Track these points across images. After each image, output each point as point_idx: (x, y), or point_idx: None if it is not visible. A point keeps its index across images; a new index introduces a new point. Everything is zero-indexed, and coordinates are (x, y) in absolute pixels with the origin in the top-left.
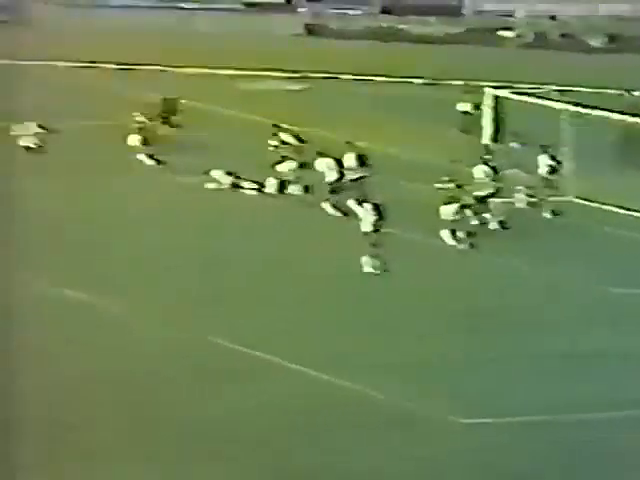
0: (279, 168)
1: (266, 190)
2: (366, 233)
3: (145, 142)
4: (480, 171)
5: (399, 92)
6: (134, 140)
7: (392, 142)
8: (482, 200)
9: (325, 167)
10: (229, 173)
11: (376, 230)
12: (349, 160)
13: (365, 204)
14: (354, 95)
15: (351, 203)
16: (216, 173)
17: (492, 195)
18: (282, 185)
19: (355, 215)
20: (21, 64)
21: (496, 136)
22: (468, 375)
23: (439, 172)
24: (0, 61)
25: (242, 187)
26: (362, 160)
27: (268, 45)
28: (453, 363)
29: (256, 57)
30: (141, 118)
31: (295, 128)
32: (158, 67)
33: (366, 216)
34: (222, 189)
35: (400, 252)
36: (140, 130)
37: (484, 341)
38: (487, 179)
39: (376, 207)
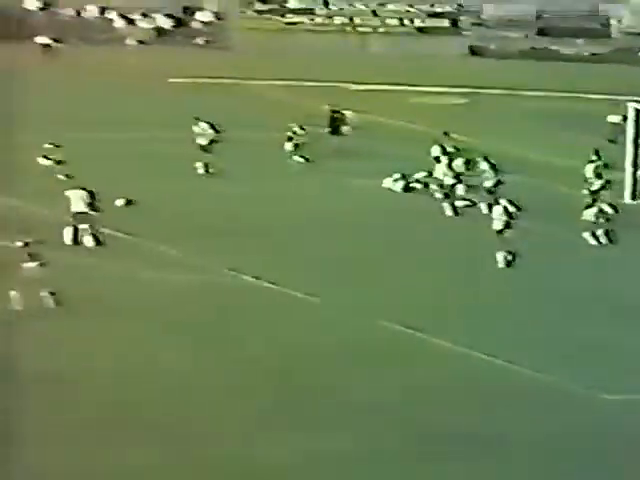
0: (439, 171)
1: (436, 195)
2: (500, 232)
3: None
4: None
5: (551, 105)
6: (305, 148)
7: (543, 149)
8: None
9: (484, 170)
10: (403, 176)
11: (508, 227)
12: (506, 165)
13: (510, 205)
14: (511, 108)
15: (504, 203)
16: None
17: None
18: (452, 187)
19: (509, 215)
20: (217, 82)
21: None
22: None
23: (582, 177)
24: (201, 80)
25: (412, 189)
26: (517, 165)
27: (436, 64)
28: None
29: (425, 75)
30: (313, 129)
31: (457, 136)
32: (337, 83)
33: (504, 216)
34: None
35: (546, 252)
36: (313, 139)
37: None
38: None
39: (516, 208)
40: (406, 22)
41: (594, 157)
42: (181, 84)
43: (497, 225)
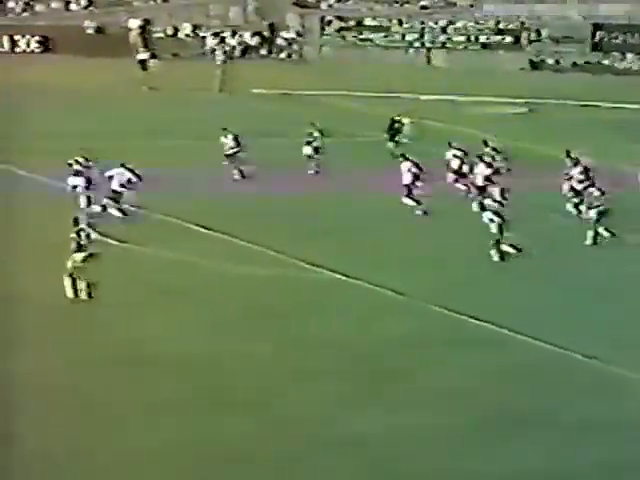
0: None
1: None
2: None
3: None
4: None
5: (604, 115)
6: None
7: (597, 154)
8: None
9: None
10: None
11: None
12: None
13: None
14: (569, 117)
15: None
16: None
17: None
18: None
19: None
20: (297, 93)
21: None
22: None
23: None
24: (283, 91)
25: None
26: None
27: (498, 77)
28: None
29: (487, 87)
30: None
31: (514, 143)
32: (407, 95)
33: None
34: None
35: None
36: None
37: None
38: None
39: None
40: (472, 39)
41: None
42: (265, 95)
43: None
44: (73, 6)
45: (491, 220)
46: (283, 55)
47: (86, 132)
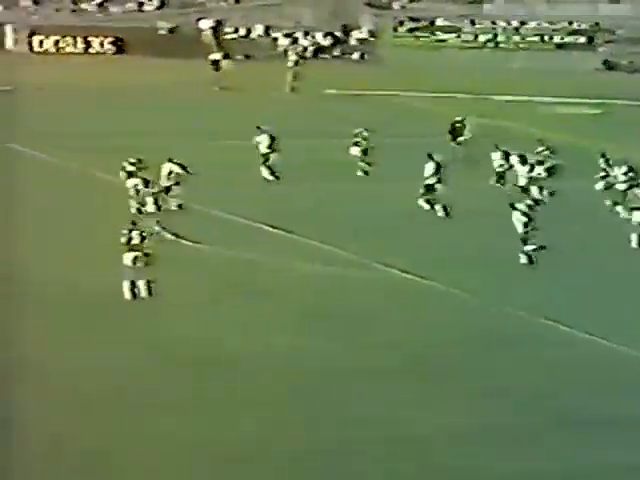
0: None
1: None
2: None
3: None
4: None
5: None
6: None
7: None
8: None
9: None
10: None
11: None
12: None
13: None
14: None
15: None
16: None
17: None
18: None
19: None
20: (370, 93)
21: None
22: None
23: None
24: (349, 91)
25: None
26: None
27: (572, 77)
28: None
29: (562, 87)
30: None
31: (587, 143)
32: (480, 95)
33: None
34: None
35: None
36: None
37: None
38: None
39: None
40: (546, 39)
41: None
42: (337, 95)
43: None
44: (146, 7)
45: (520, 220)
46: (355, 56)
47: (158, 131)
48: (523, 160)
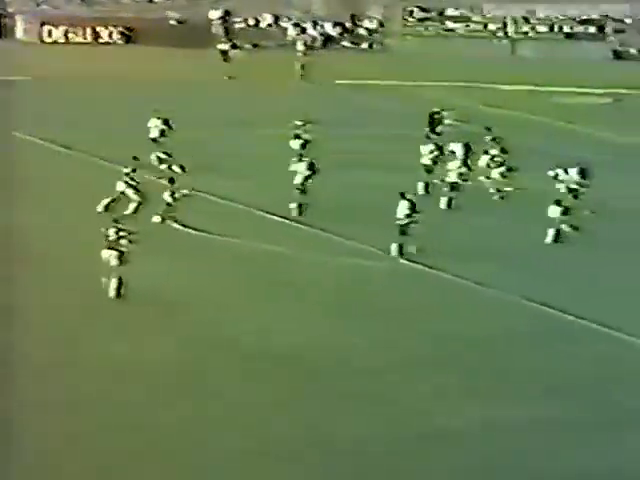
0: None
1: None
2: None
3: None
4: None
5: None
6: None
7: None
8: None
9: None
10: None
11: None
12: None
13: None
14: None
15: None
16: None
17: None
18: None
19: None
20: (379, 83)
21: None
22: None
23: None
24: (358, 81)
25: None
26: None
27: (581, 67)
28: None
29: (571, 77)
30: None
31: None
32: (489, 85)
33: None
34: None
35: None
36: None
37: None
38: None
39: None
40: (555, 29)
41: None
42: (347, 85)
43: None
44: None
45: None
46: (364, 46)
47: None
48: None
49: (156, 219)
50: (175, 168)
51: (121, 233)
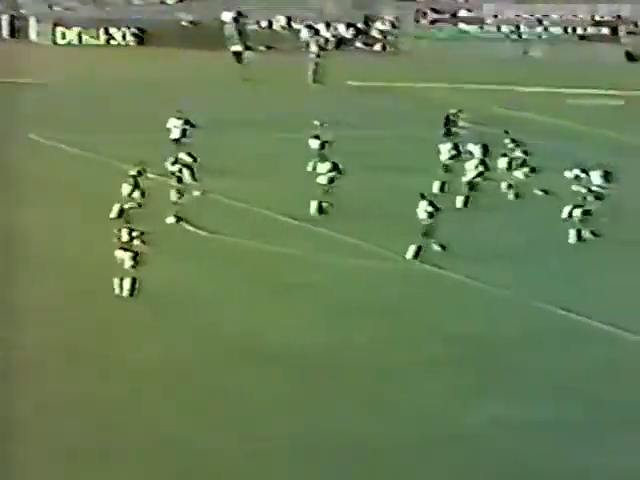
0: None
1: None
2: None
3: None
4: None
5: None
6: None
7: None
8: None
9: None
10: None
11: None
12: None
13: None
14: None
15: None
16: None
17: None
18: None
19: None
20: (392, 84)
21: None
22: None
23: None
24: (371, 83)
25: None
26: None
27: (594, 69)
28: None
29: (584, 78)
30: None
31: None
32: (502, 86)
33: None
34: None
35: None
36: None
37: None
38: None
39: None
40: (569, 31)
41: None
42: (359, 86)
43: None
44: None
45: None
46: (377, 47)
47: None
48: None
49: (170, 220)
50: (185, 172)
51: (134, 234)
